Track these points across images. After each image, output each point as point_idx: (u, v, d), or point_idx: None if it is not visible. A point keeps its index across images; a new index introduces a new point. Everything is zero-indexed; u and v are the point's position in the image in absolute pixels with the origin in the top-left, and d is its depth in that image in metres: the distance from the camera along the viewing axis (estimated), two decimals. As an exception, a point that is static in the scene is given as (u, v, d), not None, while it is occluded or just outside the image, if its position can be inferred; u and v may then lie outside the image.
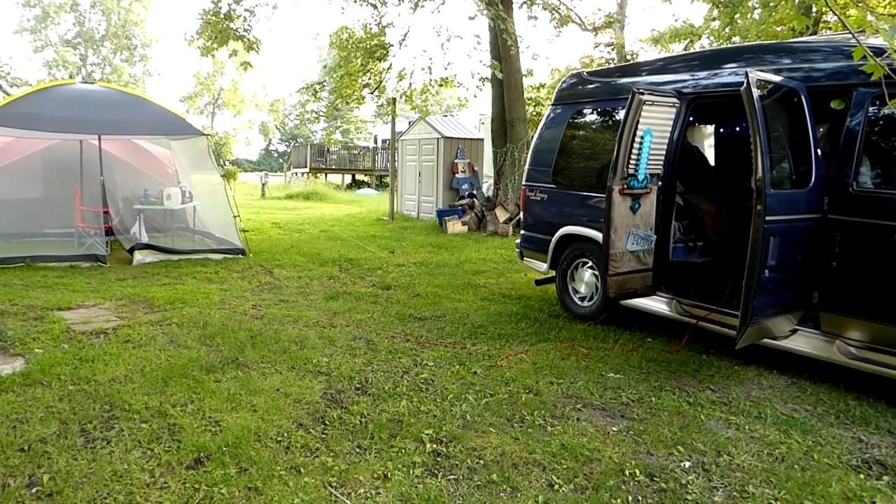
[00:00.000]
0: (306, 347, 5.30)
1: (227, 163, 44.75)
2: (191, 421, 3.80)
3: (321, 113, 19.10)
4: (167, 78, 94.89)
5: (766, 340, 4.85)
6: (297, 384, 4.47)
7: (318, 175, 34.39)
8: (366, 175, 36.16)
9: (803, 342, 4.83)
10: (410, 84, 15.20)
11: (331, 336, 5.66)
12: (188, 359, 4.86)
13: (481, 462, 3.47)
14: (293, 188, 29.02)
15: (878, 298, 4.43)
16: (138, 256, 8.93)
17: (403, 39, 14.89)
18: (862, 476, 3.45)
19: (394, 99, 15.96)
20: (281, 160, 52.37)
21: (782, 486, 3.29)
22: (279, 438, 3.64)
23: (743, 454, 3.64)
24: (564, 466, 3.43)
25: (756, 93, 4.28)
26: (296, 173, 35.41)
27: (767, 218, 4.23)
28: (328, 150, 35.05)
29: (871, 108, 4.56)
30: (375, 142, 38.71)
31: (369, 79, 16.01)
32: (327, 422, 3.90)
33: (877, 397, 4.51)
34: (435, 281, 8.42)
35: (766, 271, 4.34)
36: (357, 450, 3.56)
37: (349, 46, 15.42)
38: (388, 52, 15.26)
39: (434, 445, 3.63)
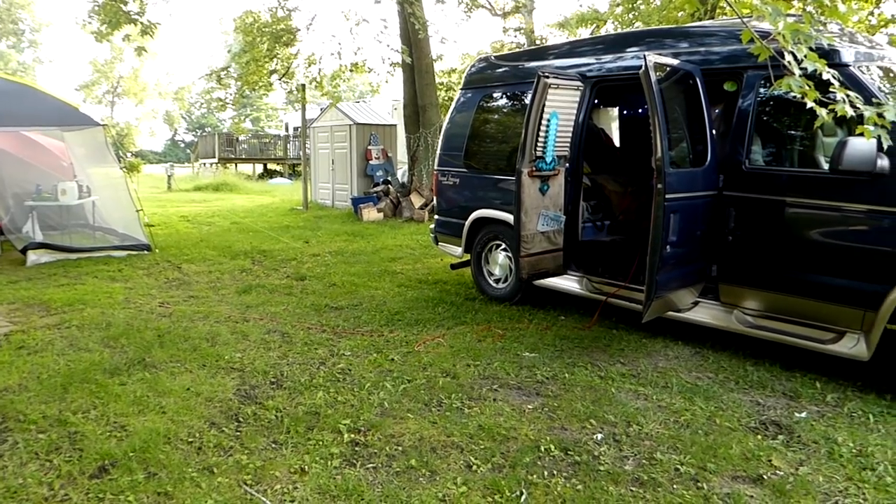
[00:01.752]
0: (218, 344, 5.15)
1: (129, 154, 42.81)
2: (94, 428, 3.63)
3: (228, 101, 18.51)
4: (60, 65, 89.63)
5: (670, 313, 5.06)
6: (209, 382, 4.34)
7: (228, 165, 33.35)
8: (278, 164, 35.34)
9: (705, 313, 5.07)
10: (320, 70, 14.96)
11: (244, 331, 5.52)
12: (90, 362, 4.64)
13: (400, 448, 3.47)
14: (201, 180, 28.04)
15: (771, 269, 4.69)
16: (32, 256, 8.41)
17: (311, 24, 14.61)
18: (759, 437, 3.65)
19: (303, 85, 15.65)
20: (188, 151, 50.54)
21: (687, 451, 3.45)
22: (190, 439, 3.53)
23: (651, 423, 3.79)
24: (482, 447, 3.48)
25: (654, 76, 4.42)
26: (204, 164, 34.24)
27: (667, 196, 4.39)
28: (237, 139, 34.03)
29: (760, 90, 4.79)
30: (287, 130, 37.80)
31: (277, 65, 15.63)
32: (241, 419, 3.81)
33: (772, 362, 4.79)
34: (351, 269, 8.35)
35: (668, 247, 4.51)
36: (273, 445, 3.50)
37: (254, 31, 15.00)
38: (295, 36, 14.94)
39: (352, 435, 3.60)
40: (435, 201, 7.48)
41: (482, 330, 5.60)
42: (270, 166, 35.60)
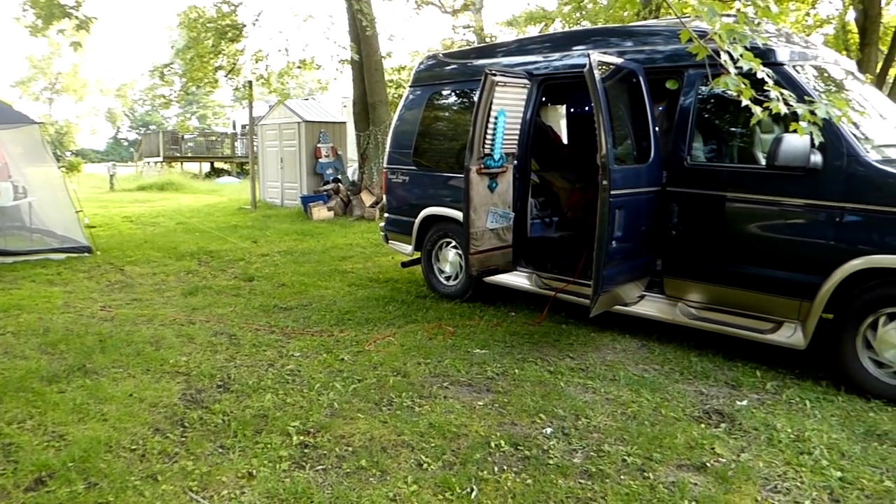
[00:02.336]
0: (163, 347, 5.03)
1: (68, 153, 41.47)
2: (30, 438, 3.50)
3: (172, 98, 18.08)
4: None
5: (618, 307, 5.15)
6: (153, 387, 4.24)
7: (173, 164, 32.60)
8: (225, 162, 34.69)
9: (650, 306, 5.18)
10: (267, 66, 14.72)
11: (190, 333, 5.41)
12: (26, 370, 4.47)
13: (350, 449, 3.45)
14: (146, 179, 27.33)
15: (713, 263, 4.82)
16: (-35, 261, 8.09)
17: (257, 19, 14.37)
18: (703, 425, 3.74)
19: (250, 82, 15.38)
20: (131, 149, 49.21)
21: (634, 441, 3.51)
22: (133, 447, 3.44)
23: (599, 416, 3.85)
24: (433, 445, 3.48)
25: (598, 74, 4.48)
26: (148, 163, 33.37)
27: (612, 192, 4.47)
28: (183, 137, 33.28)
29: (701, 88, 4.91)
30: (234, 127, 37.09)
31: (223, 61, 15.34)
32: (187, 424, 3.73)
33: (715, 352, 4.92)
34: (301, 269, 8.25)
35: (614, 242, 4.59)
36: (220, 450, 3.43)
37: (199, 26, 14.67)
38: (241, 32, 14.66)
39: (301, 437, 3.57)
40: (385, 199, 7.45)
41: (433, 328, 5.61)
42: (218, 165, 34.92)
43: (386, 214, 7.40)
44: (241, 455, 3.37)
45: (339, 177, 15.45)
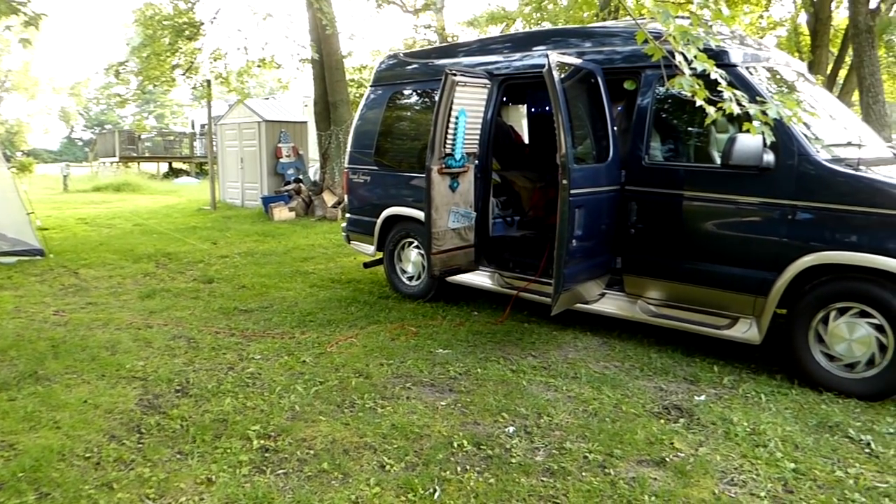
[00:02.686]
0: (119, 352, 4.93)
1: (20, 153, 40.33)
2: (-21, 447, 3.40)
3: (128, 97, 17.70)
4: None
5: (579, 305, 5.20)
6: (109, 393, 4.14)
7: (130, 164, 31.91)
8: (184, 163, 34.08)
9: (611, 304, 5.24)
10: (226, 65, 14.50)
11: (147, 337, 5.30)
12: (-25, 377, 4.34)
13: (311, 452, 3.42)
14: (101, 180, 26.72)
15: (671, 260, 4.90)
16: (-89, 265, 7.81)
17: (215, 17, 14.15)
18: (662, 421, 3.80)
19: (209, 81, 15.14)
20: (86, 149, 48.00)
21: (595, 438, 3.55)
22: (88, 455, 3.35)
23: (561, 413, 3.88)
24: (395, 446, 3.47)
25: (557, 74, 4.52)
26: (104, 163, 32.62)
27: (572, 191, 4.51)
28: (140, 136, 32.59)
29: (657, 88, 4.98)
30: (193, 127, 36.46)
31: (180, 59, 15.07)
32: (143, 430, 3.65)
33: (674, 349, 5.00)
34: (261, 271, 8.16)
35: (574, 241, 4.63)
36: (178, 456, 3.37)
37: (155, 24, 14.38)
38: (199, 30, 14.43)
39: (262, 441, 3.52)
40: (346, 199, 7.41)
41: (395, 328, 5.59)
42: (176, 165, 34.29)
43: (347, 215, 7.36)
44: (199, 461, 3.31)
45: (301, 177, 15.31)
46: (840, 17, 17.30)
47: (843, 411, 3.91)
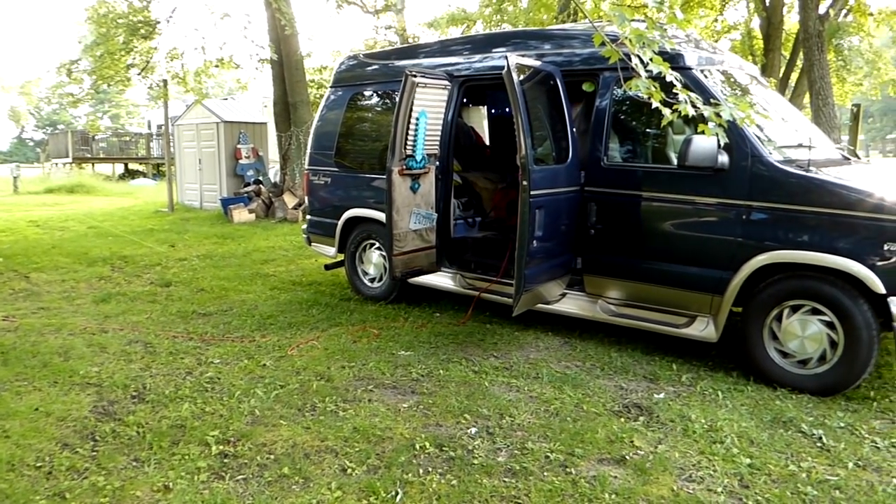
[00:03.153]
0: (72, 358, 4.80)
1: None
2: (-76, 458, 3.28)
3: (81, 97, 17.24)
4: None
5: (540, 305, 5.23)
6: (61, 400, 4.03)
7: (84, 165, 31.12)
8: (140, 164, 33.37)
9: (572, 304, 5.29)
10: (183, 65, 14.24)
11: (101, 342, 5.17)
12: (-81, 386, 4.19)
13: (272, 457, 3.38)
14: (54, 181, 26.00)
15: (630, 260, 4.96)
16: None
17: (171, 16, 13.88)
18: (623, 419, 3.85)
19: (165, 81, 14.85)
20: (38, 150, 46.64)
21: (557, 438, 3.58)
22: (39, 464, 3.26)
23: (523, 414, 3.90)
24: (357, 449, 3.45)
25: (516, 76, 4.54)
26: (56, 164, 31.77)
27: (532, 192, 4.54)
28: (94, 137, 31.81)
29: (615, 90, 5.04)
30: (150, 127, 35.73)
31: (135, 58, 14.74)
32: (98, 437, 3.56)
33: (634, 347, 5.07)
34: (221, 273, 8.03)
35: (535, 242, 4.66)
36: (133, 464, 3.30)
37: (109, 22, 14.03)
38: (154, 29, 14.14)
39: (221, 447, 3.46)
40: (307, 201, 7.34)
41: (357, 330, 5.56)
42: (132, 166, 33.56)
43: (308, 216, 7.29)
44: (156, 468, 3.24)
45: (261, 178, 15.13)
46: (791, 21, 17.77)
47: (796, 407, 4.01)
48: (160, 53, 14.61)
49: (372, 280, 6.67)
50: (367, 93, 6.92)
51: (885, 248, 3.91)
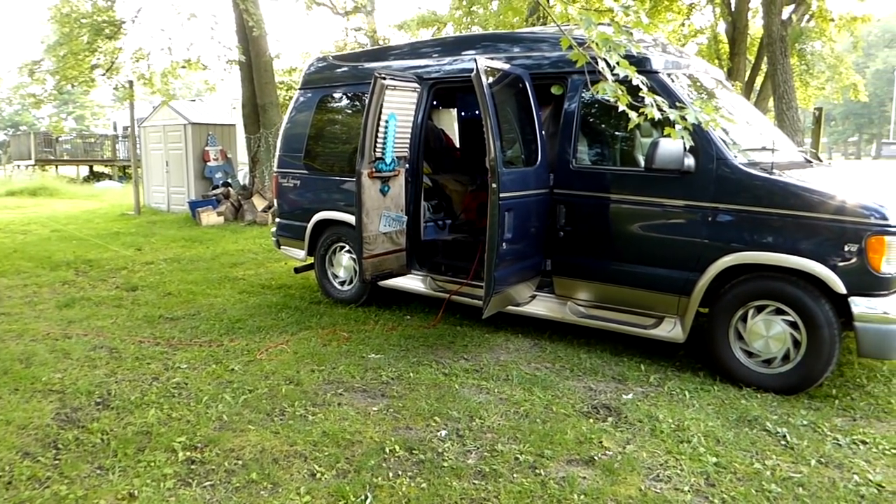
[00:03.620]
0: (34, 364, 4.69)
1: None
2: None
3: (44, 97, 16.90)
4: None
5: (510, 307, 5.25)
6: (22, 408, 3.94)
7: (47, 168, 30.48)
8: (106, 166, 32.76)
9: (541, 306, 5.31)
10: (149, 66, 14.04)
11: (65, 348, 5.07)
12: None
13: (240, 462, 3.34)
14: (15, 184, 25.42)
15: (599, 262, 5.01)
16: None
17: (136, 16, 13.68)
18: (591, 420, 3.88)
19: (131, 82, 14.63)
20: None
21: (526, 440, 3.59)
22: (-1, 473, 3.19)
23: (493, 416, 3.90)
24: (326, 453, 3.42)
25: (485, 79, 4.56)
26: (18, 166, 31.08)
27: (501, 195, 4.55)
28: (57, 139, 31.17)
29: (583, 93, 5.08)
30: (115, 129, 35.18)
31: (100, 59, 14.49)
32: (61, 446, 3.49)
33: (603, 349, 5.11)
34: (188, 277, 7.92)
35: (505, 244, 4.68)
36: (98, 472, 3.23)
37: (72, 22, 13.78)
38: (119, 29, 13.92)
39: (187, 453, 3.42)
40: (276, 204, 7.28)
41: (327, 334, 5.53)
42: (97, 168, 32.95)
43: (277, 219, 7.23)
44: (121, 475, 3.19)
45: (230, 181, 14.96)
46: (756, 26, 18.08)
47: (761, 405, 4.08)
48: (125, 54, 14.41)
49: (342, 283, 6.64)
50: (336, 95, 6.90)
51: (846, 249, 4.00)
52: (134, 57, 13.99)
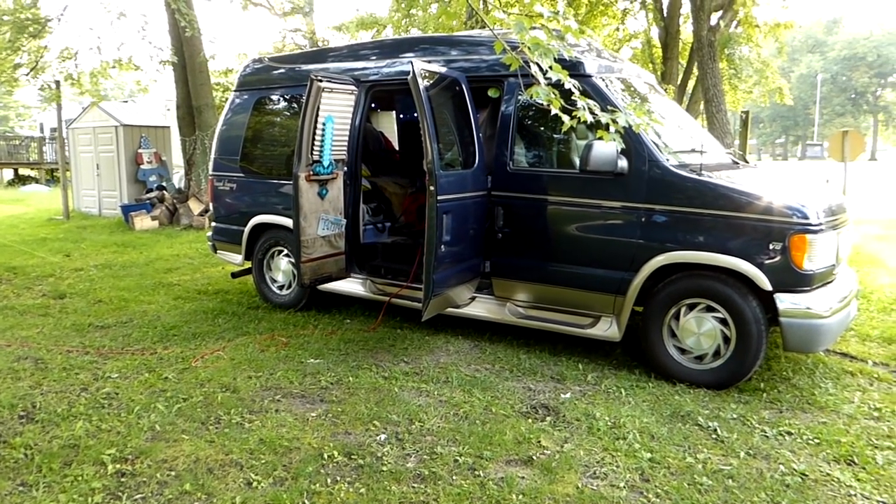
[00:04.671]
0: (-49, 378, 4.47)
1: None
2: None
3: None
4: None
5: (450, 309, 5.26)
6: (-62, 424, 3.75)
7: (-31, 171, 29.08)
8: (32, 169, 31.44)
9: (481, 307, 5.34)
10: (77, 65, 13.53)
11: (-14, 360, 4.85)
12: None
13: (173, 473, 3.25)
14: (-65, 188, 24.18)
15: (537, 263, 5.07)
16: None
17: (62, 14, 13.18)
18: (530, 420, 3.92)
19: (58, 82, 14.08)
20: (-84, 155, 43.14)
21: (466, 441, 3.60)
22: (-89, 494, 3.02)
23: (433, 418, 3.90)
24: (263, 461, 3.36)
25: (422, 82, 4.56)
26: (-64, 170, 29.53)
27: (439, 197, 4.56)
28: (-22, 141, 29.74)
29: (519, 96, 5.14)
30: (42, 131, 33.80)
31: (24, 58, 13.91)
32: (-21, 462, 3.33)
33: (542, 349, 5.17)
34: (120, 283, 7.68)
35: (443, 246, 4.68)
36: (20, 488, 3.10)
37: (-8, 20, 13.21)
38: (44, 27, 13.39)
39: (117, 465, 3.30)
40: (212, 208, 7.11)
41: (265, 339, 5.43)
42: (23, 171, 31.59)
43: (213, 223, 7.07)
44: (45, 492, 3.06)
45: (164, 184, 14.57)
46: (687, 31, 18.65)
47: (693, 401, 4.19)
48: (52, 53, 13.87)
49: (281, 287, 6.54)
50: (273, 97, 6.79)
51: (771, 247, 4.15)
52: (61, 56, 13.46)
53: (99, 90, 14.08)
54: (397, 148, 8.30)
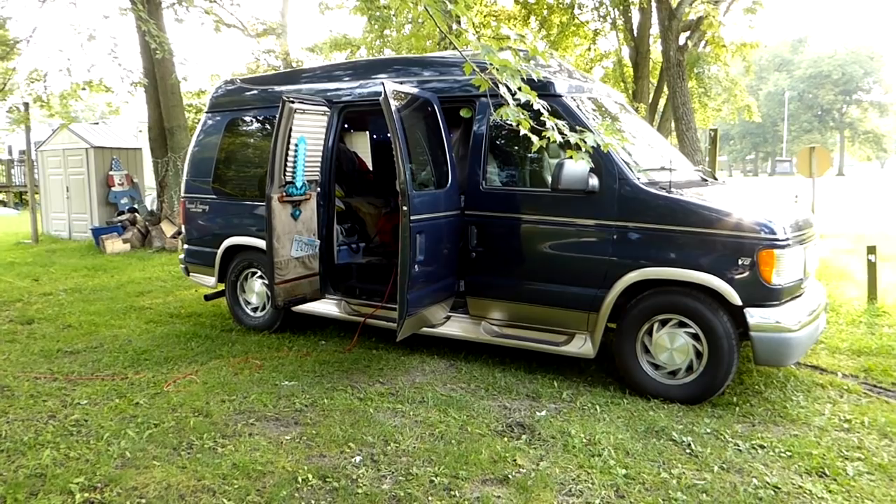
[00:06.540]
0: (-87, 408, 4.36)
1: None
2: None
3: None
4: None
5: (425, 329, 5.25)
6: None
7: (-66, 195, 28.52)
8: (1, 192, 30.96)
9: (456, 327, 5.34)
10: (46, 87, 13.38)
11: (-50, 389, 4.73)
12: None
13: (143, 501, 3.19)
14: None
15: (511, 282, 5.09)
16: None
17: (31, 35, 13.06)
18: (506, 439, 3.91)
19: (26, 104, 13.92)
20: None
21: (441, 461, 3.58)
22: None
23: (408, 439, 3.88)
24: (236, 486, 3.31)
25: (393, 103, 4.58)
26: None
27: (412, 217, 4.57)
28: (-55, 164, 29.21)
29: (491, 117, 5.18)
30: (10, 153, 33.24)
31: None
32: (-58, 494, 3.25)
33: (517, 367, 5.18)
34: (91, 308, 7.56)
35: (417, 266, 4.69)
36: (-16, 520, 3.02)
37: (-41, 41, 13.06)
38: (13, 49, 13.26)
39: (86, 494, 3.24)
40: (184, 230, 7.05)
41: (239, 362, 5.37)
42: (-9, 195, 31.06)
43: (186, 246, 7.01)
44: (11, 524, 2.99)
45: (136, 206, 14.41)
46: (657, 51, 18.97)
47: (667, 416, 4.22)
48: (20, 75, 13.72)
49: (255, 309, 6.49)
50: (246, 118, 6.78)
51: (740, 262, 4.22)
52: (29, 78, 13.30)
53: (69, 112, 13.97)
54: (371, 168, 8.32)
